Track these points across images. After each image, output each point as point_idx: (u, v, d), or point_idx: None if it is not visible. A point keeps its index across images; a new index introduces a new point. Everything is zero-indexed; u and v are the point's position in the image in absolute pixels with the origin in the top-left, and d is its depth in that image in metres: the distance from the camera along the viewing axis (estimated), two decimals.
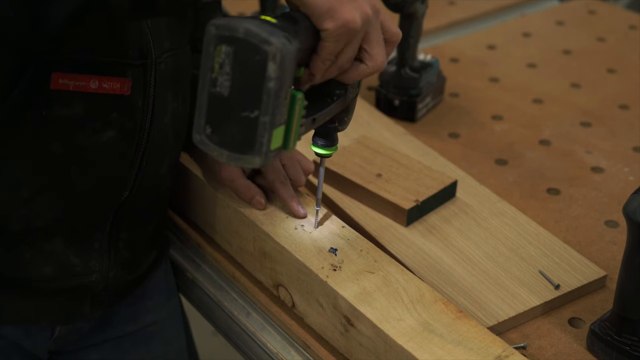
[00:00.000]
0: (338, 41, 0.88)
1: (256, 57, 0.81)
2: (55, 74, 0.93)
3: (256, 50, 0.81)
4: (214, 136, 0.84)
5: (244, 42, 0.81)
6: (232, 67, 0.82)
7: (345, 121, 1.01)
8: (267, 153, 0.84)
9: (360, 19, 0.88)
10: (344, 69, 0.92)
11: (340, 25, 0.87)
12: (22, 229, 1.00)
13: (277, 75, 0.81)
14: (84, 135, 0.97)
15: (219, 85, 0.83)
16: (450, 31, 1.83)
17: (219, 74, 0.82)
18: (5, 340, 1.09)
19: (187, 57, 1.10)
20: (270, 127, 0.83)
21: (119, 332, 1.22)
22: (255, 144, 0.83)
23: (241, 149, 0.84)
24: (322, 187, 1.04)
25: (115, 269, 1.10)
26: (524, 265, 1.13)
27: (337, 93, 0.96)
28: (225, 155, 0.85)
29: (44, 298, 1.07)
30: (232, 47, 0.81)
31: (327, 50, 0.89)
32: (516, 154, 1.40)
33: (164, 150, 1.08)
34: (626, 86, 1.60)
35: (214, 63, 0.82)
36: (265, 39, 0.81)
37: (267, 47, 0.81)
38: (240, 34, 0.81)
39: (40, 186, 0.98)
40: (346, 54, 0.90)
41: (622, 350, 0.98)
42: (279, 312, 1.07)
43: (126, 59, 0.97)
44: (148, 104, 1.01)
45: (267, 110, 0.82)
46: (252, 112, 0.82)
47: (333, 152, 1.01)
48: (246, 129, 0.83)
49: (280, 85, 0.82)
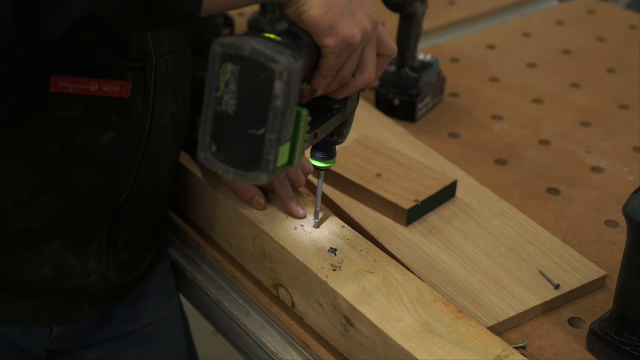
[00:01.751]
0: (339, 57, 0.90)
1: (262, 76, 0.81)
2: (54, 77, 0.93)
3: (263, 69, 0.81)
4: (220, 154, 0.85)
5: (250, 60, 0.81)
6: (238, 85, 0.82)
7: (344, 134, 1.01)
8: (274, 170, 0.84)
9: (360, 34, 0.89)
10: (345, 83, 0.93)
11: (340, 42, 0.88)
12: (20, 231, 1.00)
13: (284, 94, 0.81)
14: (83, 137, 0.97)
15: (225, 104, 0.83)
16: (450, 31, 1.83)
17: (224, 92, 0.82)
18: (3, 339, 1.09)
19: (187, 59, 1.10)
20: (277, 144, 0.83)
21: (118, 332, 1.22)
22: (262, 162, 0.84)
23: (248, 166, 0.84)
24: (320, 200, 1.04)
25: (114, 270, 1.10)
26: (524, 265, 1.13)
27: (337, 107, 0.97)
28: (232, 172, 0.85)
29: (42, 299, 1.07)
30: (238, 65, 0.81)
31: (328, 67, 0.90)
32: (516, 154, 1.40)
33: (164, 152, 1.08)
34: (626, 86, 1.60)
35: (220, 82, 0.82)
36: (272, 57, 0.81)
37: (274, 66, 0.81)
38: (246, 53, 0.81)
39: (39, 188, 0.98)
40: (347, 69, 0.92)
41: (622, 350, 0.98)
42: (279, 312, 1.07)
43: (126, 61, 0.97)
44: (148, 107, 1.01)
45: (274, 128, 0.82)
46: (259, 130, 0.82)
47: (332, 165, 1.02)
48: (253, 146, 0.83)
49: (287, 103, 0.82)
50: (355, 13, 0.89)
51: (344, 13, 0.88)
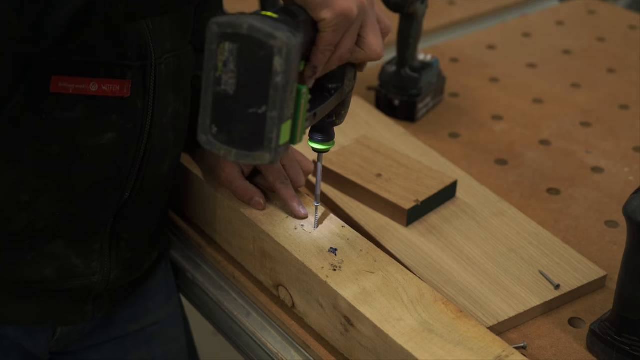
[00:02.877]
0: (336, 31, 0.89)
1: (261, 53, 0.81)
2: (55, 77, 0.93)
3: (261, 46, 0.80)
4: (221, 135, 0.84)
5: (248, 38, 0.81)
6: (236, 64, 0.81)
7: (342, 115, 1.01)
8: (277, 148, 0.84)
9: (356, 7, 0.88)
10: (344, 59, 0.93)
11: (337, 15, 0.87)
12: (22, 231, 1.00)
13: (284, 70, 0.81)
14: (84, 137, 0.97)
15: (224, 83, 0.82)
16: (450, 31, 1.83)
17: (223, 72, 0.82)
18: (6, 340, 1.09)
19: (188, 57, 1.10)
20: (278, 122, 0.83)
21: (120, 332, 1.22)
22: (264, 140, 0.83)
23: (250, 146, 0.83)
24: (320, 183, 1.04)
25: (117, 270, 1.10)
26: (524, 265, 1.13)
27: (334, 87, 0.96)
28: (234, 153, 0.84)
29: (45, 299, 1.06)
30: (236, 44, 0.81)
31: (326, 41, 0.89)
32: (516, 154, 1.40)
33: (165, 151, 1.08)
34: (626, 86, 1.60)
35: (218, 61, 0.82)
36: (270, 33, 0.80)
37: (272, 42, 0.80)
38: (244, 30, 0.80)
39: (40, 188, 0.98)
40: (345, 44, 0.91)
41: (622, 350, 0.98)
42: (279, 312, 1.07)
43: (125, 60, 0.97)
44: (148, 105, 1.01)
45: (275, 105, 0.82)
46: (260, 108, 0.82)
47: (330, 147, 1.01)
48: (254, 125, 0.83)
49: (287, 80, 0.82)
50: None
51: None
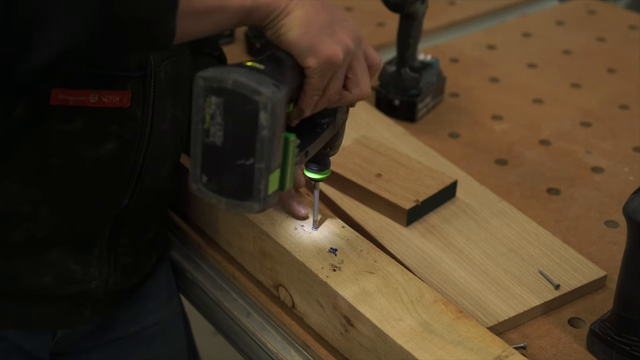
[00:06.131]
0: (322, 76, 0.89)
1: (247, 107, 0.81)
2: (54, 90, 0.93)
3: (246, 101, 0.81)
4: (211, 184, 0.85)
5: (234, 93, 0.81)
6: (223, 117, 0.82)
7: (336, 145, 1.01)
8: (265, 198, 0.84)
9: (342, 52, 0.89)
10: (333, 102, 0.93)
11: (322, 62, 0.88)
12: (23, 241, 1.00)
13: (269, 124, 0.81)
14: (84, 148, 0.97)
15: (212, 135, 0.83)
16: (450, 31, 1.83)
17: (210, 124, 0.82)
18: (6, 342, 1.09)
19: (187, 62, 1.10)
20: (266, 173, 0.83)
21: (120, 334, 1.22)
22: (253, 191, 0.84)
23: (239, 196, 0.84)
24: (317, 210, 1.04)
25: (115, 275, 1.09)
26: (524, 265, 1.13)
27: (326, 122, 0.97)
28: (224, 202, 0.85)
29: (44, 305, 1.06)
30: (221, 98, 0.81)
31: (313, 87, 0.89)
32: (516, 154, 1.40)
33: (164, 156, 1.08)
34: (626, 86, 1.60)
35: (205, 114, 0.82)
36: (254, 89, 0.81)
37: (257, 97, 0.81)
38: (229, 85, 0.81)
39: (41, 199, 0.98)
40: (332, 87, 0.91)
41: (622, 350, 0.98)
42: (279, 312, 1.07)
43: (125, 71, 0.97)
44: (147, 113, 1.01)
45: (262, 157, 0.82)
46: (248, 160, 0.83)
47: (327, 176, 1.02)
48: (243, 176, 0.83)
49: (273, 132, 0.82)
50: (336, 32, 0.89)
51: (323, 32, 0.88)
